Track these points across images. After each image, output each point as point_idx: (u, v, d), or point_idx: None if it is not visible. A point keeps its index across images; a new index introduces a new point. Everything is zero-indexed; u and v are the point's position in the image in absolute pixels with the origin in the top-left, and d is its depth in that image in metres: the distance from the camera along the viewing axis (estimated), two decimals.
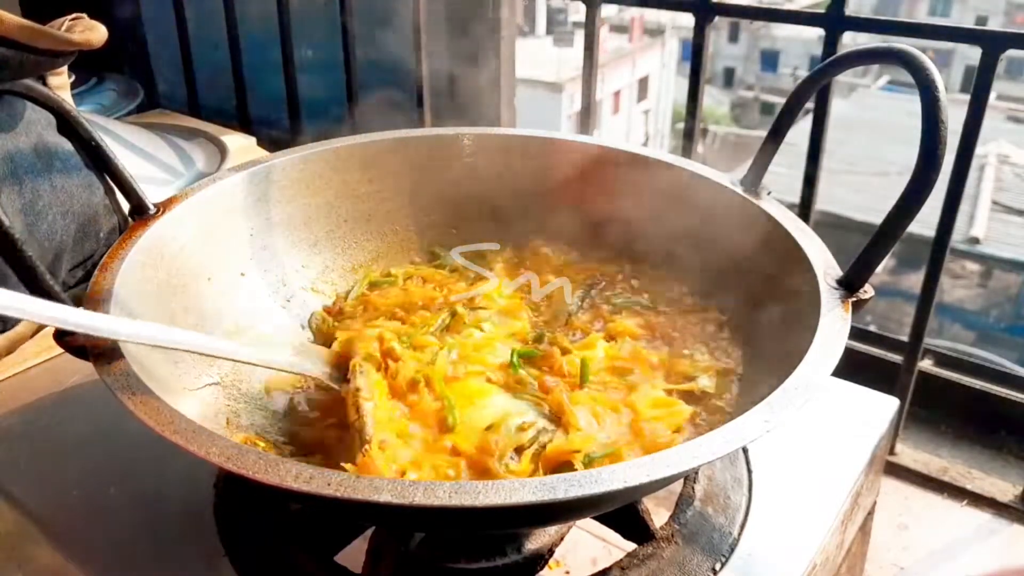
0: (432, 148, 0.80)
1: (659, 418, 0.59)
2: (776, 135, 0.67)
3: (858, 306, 0.55)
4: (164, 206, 0.64)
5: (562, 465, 0.55)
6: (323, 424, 0.62)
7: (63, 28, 0.59)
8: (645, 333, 0.69)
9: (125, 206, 0.65)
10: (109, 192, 0.70)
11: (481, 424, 0.57)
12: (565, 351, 0.66)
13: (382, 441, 0.55)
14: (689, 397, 0.62)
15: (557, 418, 0.59)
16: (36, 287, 0.51)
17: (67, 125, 0.61)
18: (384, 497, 0.39)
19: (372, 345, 0.64)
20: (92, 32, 0.59)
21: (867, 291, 0.55)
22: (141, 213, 0.63)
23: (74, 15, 0.61)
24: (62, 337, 0.50)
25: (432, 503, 0.39)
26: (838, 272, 0.57)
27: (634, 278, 0.76)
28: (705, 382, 0.63)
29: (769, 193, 0.68)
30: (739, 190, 0.69)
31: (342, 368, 0.63)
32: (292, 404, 0.64)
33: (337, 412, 0.61)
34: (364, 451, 0.53)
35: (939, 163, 0.52)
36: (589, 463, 0.54)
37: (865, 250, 0.55)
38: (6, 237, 0.48)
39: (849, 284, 0.56)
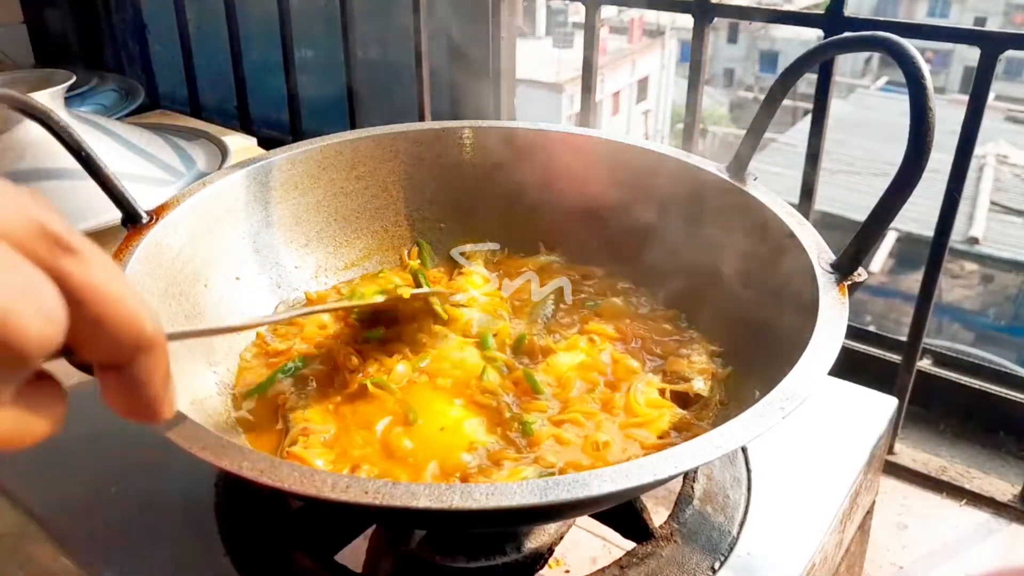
0: (416, 143, 0.81)
1: (649, 420, 0.59)
2: (760, 123, 0.68)
3: (853, 289, 0.55)
4: (156, 213, 0.64)
5: None
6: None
7: None
8: (619, 336, 0.69)
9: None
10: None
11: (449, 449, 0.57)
12: (547, 352, 0.66)
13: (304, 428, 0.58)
14: (681, 399, 0.62)
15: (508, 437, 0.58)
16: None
17: (56, 136, 0.60)
18: (383, 500, 0.39)
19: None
20: None
21: (861, 274, 0.56)
22: (134, 222, 0.62)
23: None
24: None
25: (435, 506, 0.39)
26: (831, 256, 0.58)
27: (622, 278, 0.76)
28: (700, 384, 0.63)
29: (755, 179, 0.68)
30: (727, 176, 0.69)
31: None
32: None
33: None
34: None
35: (928, 149, 0.52)
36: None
37: (857, 235, 0.56)
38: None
39: (843, 269, 0.56)
